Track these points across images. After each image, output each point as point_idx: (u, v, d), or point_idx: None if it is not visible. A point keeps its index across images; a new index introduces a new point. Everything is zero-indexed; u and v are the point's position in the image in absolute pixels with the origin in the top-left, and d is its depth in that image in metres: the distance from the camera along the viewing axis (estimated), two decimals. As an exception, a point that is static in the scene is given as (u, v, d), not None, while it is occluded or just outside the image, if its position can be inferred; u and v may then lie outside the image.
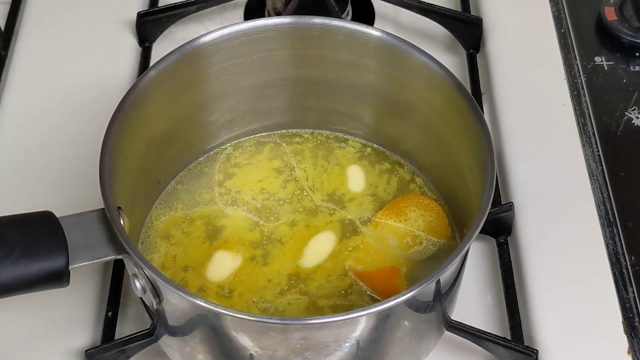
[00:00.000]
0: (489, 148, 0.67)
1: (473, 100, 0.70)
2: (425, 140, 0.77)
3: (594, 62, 0.92)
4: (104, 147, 0.66)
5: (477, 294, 0.78)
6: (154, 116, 0.73)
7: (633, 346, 0.73)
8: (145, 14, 0.94)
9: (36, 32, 0.94)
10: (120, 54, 0.93)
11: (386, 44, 0.74)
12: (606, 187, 0.82)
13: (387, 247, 0.75)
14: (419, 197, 0.77)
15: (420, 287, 0.61)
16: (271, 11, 0.95)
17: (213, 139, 0.81)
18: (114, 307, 0.75)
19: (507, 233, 0.80)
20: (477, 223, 0.63)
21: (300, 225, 0.76)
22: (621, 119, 0.88)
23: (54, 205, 0.67)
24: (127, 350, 0.72)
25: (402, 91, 0.76)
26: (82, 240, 0.64)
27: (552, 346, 0.72)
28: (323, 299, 0.72)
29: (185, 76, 0.74)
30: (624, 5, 0.95)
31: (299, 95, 0.80)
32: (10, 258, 0.61)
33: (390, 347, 0.66)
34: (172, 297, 0.63)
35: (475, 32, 0.94)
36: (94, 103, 0.87)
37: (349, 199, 0.78)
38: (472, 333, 0.72)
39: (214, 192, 0.79)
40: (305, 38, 0.75)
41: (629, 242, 0.79)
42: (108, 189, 0.64)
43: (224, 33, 0.74)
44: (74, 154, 0.84)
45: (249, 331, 0.63)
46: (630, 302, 0.75)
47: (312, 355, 0.63)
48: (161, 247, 0.75)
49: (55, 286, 0.64)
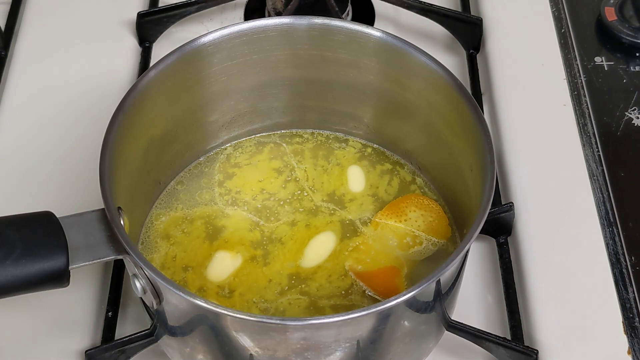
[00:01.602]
0: (489, 148, 0.67)
1: (473, 100, 0.70)
2: (425, 140, 0.77)
3: (594, 62, 0.92)
4: (104, 147, 0.66)
5: (477, 294, 0.78)
6: (154, 116, 0.73)
7: (633, 346, 0.73)
8: (145, 14, 0.94)
9: (36, 32, 0.94)
10: (121, 54, 0.93)
11: (386, 44, 0.74)
12: (606, 187, 0.82)
13: (387, 247, 0.75)
14: (419, 197, 0.77)
15: (420, 287, 0.61)
16: (271, 11, 0.95)
17: (213, 139, 0.81)
18: (114, 308, 0.75)
19: (507, 233, 0.80)
20: (477, 223, 0.63)
21: (301, 226, 0.76)
22: (621, 119, 0.88)
23: (54, 205, 0.67)
24: (127, 350, 0.72)
25: (402, 91, 0.76)
26: (82, 241, 0.64)
27: (552, 346, 0.72)
28: (324, 299, 0.72)
29: (185, 76, 0.74)
30: (624, 5, 0.95)
31: (299, 95, 0.80)
32: (10, 258, 0.61)
33: (391, 347, 0.66)
34: (172, 298, 0.63)
35: (475, 32, 0.94)
36: (94, 103, 0.87)
37: (349, 199, 0.78)
38: (472, 333, 0.72)
39: (214, 192, 0.79)
40: (305, 38, 0.75)
41: (629, 242, 0.79)
42: (108, 189, 0.64)
43: (224, 33, 0.74)
44: (74, 154, 0.84)
45: (249, 331, 0.63)
46: (631, 302, 0.75)
47: (312, 355, 0.63)
48: (161, 247, 0.75)
49: (55, 286, 0.64)
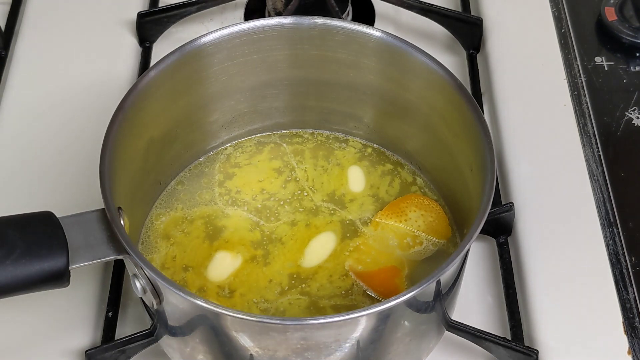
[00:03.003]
0: (489, 148, 0.67)
1: (473, 101, 0.70)
2: (426, 140, 0.77)
3: (594, 62, 0.92)
4: (104, 147, 0.66)
5: (477, 294, 0.78)
6: (154, 116, 0.73)
7: (633, 346, 0.73)
8: (145, 14, 0.94)
9: (36, 32, 0.94)
10: (121, 54, 0.93)
11: (386, 44, 0.74)
12: (606, 187, 0.82)
13: (387, 247, 0.75)
14: (419, 198, 0.77)
15: (421, 287, 0.61)
16: (271, 11, 0.95)
17: (213, 139, 0.80)
18: (114, 307, 0.75)
19: (507, 233, 0.80)
20: (477, 223, 0.63)
21: (301, 225, 0.76)
22: (621, 119, 0.88)
23: (54, 205, 0.67)
24: (128, 350, 0.72)
25: (402, 91, 0.76)
26: (82, 241, 0.64)
27: (553, 346, 0.72)
28: (324, 299, 0.72)
29: (186, 76, 0.74)
30: (624, 5, 0.95)
31: (299, 95, 0.80)
32: (10, 258, 0.61)
33: (391, 347, 0.66)
34: (172, 298, 0.63)
35: (475, 32, 0.94)
36: (94, 103, 0.87)
37: (349, 199, 0.78)
38: (472, 333, 0.72)
39: (214, 192, 0.79)
40: (306, 38, 0.75)
41: (629, 242, 0.79)
42: (108, 189, 0.64)
43: (224, 33, 0.74)
44: (74, 154, 0.84)
45: (249, 331, 0.63)
46: (631, 302, 0.75)
47: (312, 355, 0.63)
48: (161, 247, 0.75)
49: (55, 286, 0.64)
